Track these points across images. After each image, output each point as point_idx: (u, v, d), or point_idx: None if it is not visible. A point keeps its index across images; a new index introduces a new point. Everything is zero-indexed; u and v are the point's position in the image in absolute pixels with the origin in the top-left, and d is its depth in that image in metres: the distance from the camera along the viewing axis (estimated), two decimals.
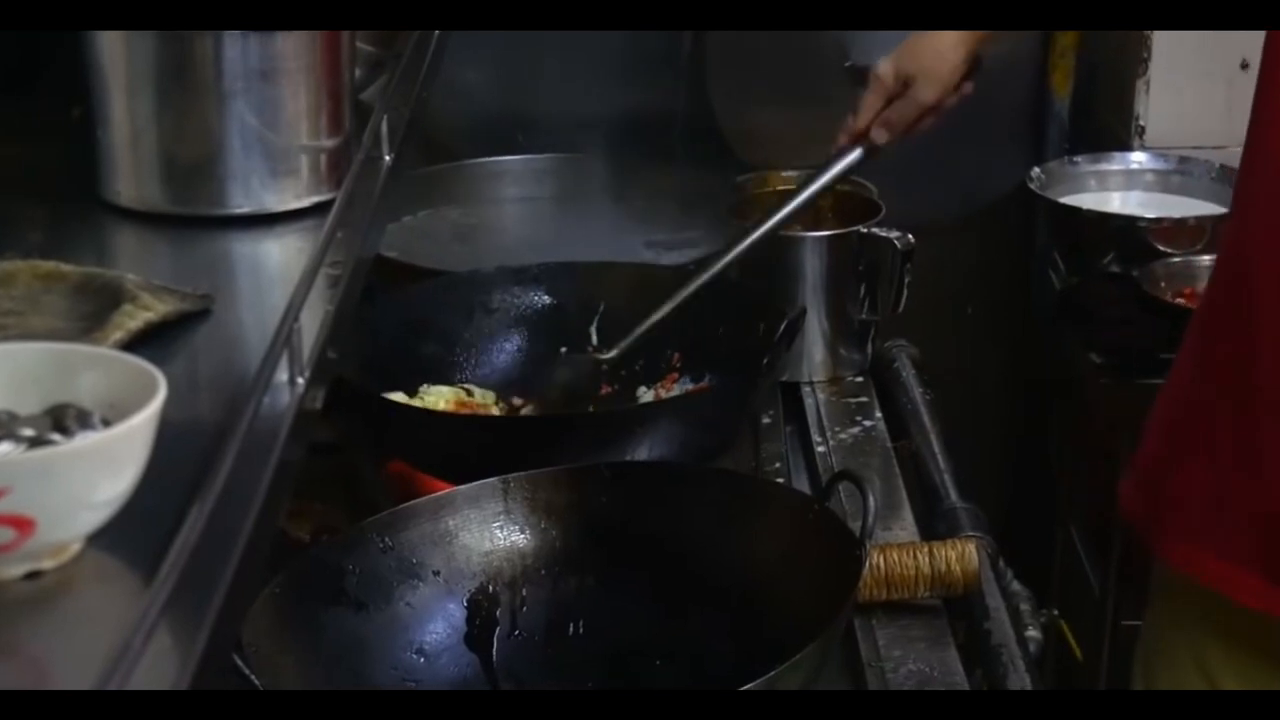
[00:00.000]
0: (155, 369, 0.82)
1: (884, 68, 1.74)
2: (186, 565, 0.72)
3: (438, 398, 1.80)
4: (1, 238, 1.16)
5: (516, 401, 1.83)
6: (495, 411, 1.80)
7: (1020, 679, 1.56)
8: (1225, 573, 1.49)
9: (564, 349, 1.86)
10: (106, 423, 0.81)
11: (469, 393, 1.82)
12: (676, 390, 1.80)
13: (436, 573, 1.46)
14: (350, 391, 1.57)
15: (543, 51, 2.37)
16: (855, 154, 1.75)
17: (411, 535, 1.46)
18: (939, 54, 1.70)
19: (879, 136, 1.72)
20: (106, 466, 0.77)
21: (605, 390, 1.83)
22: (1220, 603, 1.51)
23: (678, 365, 1.83)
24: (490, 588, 1.47)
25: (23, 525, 0.75)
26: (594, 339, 1.86)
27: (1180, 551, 1.55)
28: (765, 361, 1.69)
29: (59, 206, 1.26)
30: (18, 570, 0.78)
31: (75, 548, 0.80)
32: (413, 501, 1.50)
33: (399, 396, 1.77)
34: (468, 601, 1.46)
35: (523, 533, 1.50)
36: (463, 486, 1.50)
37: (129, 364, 0.84)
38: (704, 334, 1.80)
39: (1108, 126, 2.48)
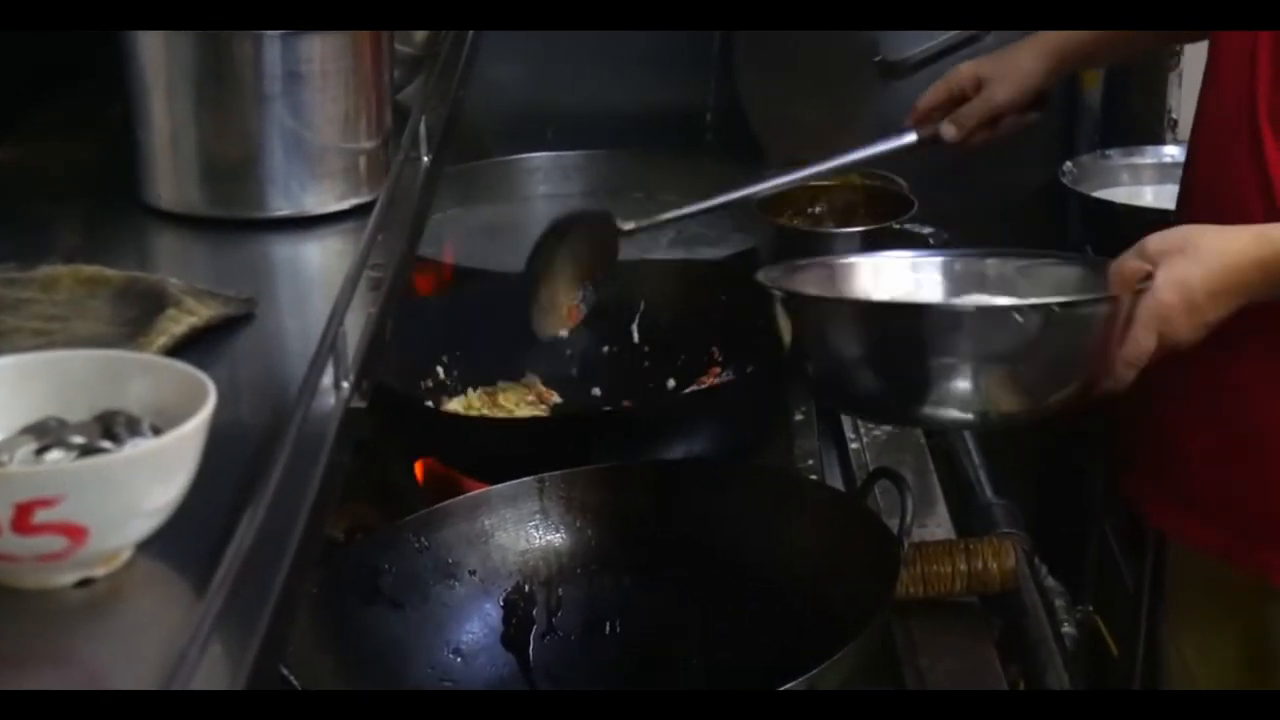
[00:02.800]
0: (204, 375, 0.82)
1: (963, 66, 1.78)
2: (239, 573, 0.72)
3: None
4: (42, 241, 1.16)
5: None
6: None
7: (1057, 674, 1.56)
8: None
9: (606, 348, 1.86)
10: (156, 430, 0.81)
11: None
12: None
13: (473, 572, 1.46)
14: (386, 393, 1.57)
15: (573, 48, 2.36)
16: (909, 137, 1.77)
17: (447, 535, 1.46)
18: (1016, 63, 1.74)
19: (948, 132, 1.75)
20: (158, 474, 0.77)
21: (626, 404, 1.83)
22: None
23: (719, 359, 1.83)
24: (526, 587, 1.47)
25: (75, 533, 0.75)
26: (635, 337, 1.86)
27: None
28: None
29: (98, 209, 1.25)
30: (69, 578, 0.78)
31: (125, 555, 0.80)
32: (448, 501, 1.50)
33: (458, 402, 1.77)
34: (504, 601, 1.46)
35: (558, 532, 1.50)
36: (498, 486, 1.50)
37: (177, 370, 0.84)
38: (742, 328, 1.79)
39: (1140, 119, 2.46)
